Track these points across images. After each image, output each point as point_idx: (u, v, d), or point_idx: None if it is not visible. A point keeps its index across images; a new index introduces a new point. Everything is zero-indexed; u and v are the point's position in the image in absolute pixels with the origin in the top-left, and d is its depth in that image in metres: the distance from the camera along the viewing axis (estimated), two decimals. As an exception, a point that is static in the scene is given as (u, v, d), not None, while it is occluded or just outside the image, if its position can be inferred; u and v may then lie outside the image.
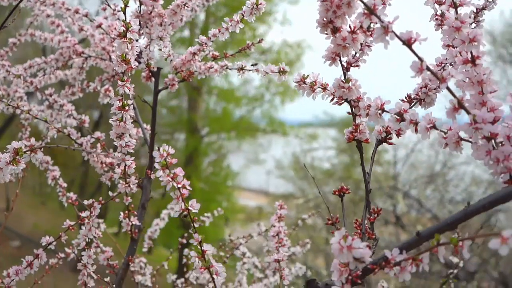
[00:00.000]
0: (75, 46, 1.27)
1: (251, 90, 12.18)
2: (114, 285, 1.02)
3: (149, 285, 1.37)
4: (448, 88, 0.57)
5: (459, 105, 0.57)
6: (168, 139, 12.16)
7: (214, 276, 0.71)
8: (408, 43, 0.56)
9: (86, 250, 1.00)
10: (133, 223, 1.05)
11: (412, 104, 0.76)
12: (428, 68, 0.56)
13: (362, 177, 0.71)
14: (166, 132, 12.15)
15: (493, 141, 0.59)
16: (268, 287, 1.41)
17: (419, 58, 0.56)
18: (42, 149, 0.72)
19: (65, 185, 1.17)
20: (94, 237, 1.05)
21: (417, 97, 0.76)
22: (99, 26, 1.03)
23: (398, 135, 0.75)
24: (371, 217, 0.68)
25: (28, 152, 0.70)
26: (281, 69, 0.92)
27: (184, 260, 1.52)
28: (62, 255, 1.19)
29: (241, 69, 1.02)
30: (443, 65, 0.77)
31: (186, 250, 1.15)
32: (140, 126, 1.18)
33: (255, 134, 12.03)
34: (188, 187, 0.69)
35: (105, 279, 1.03)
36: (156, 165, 0.67)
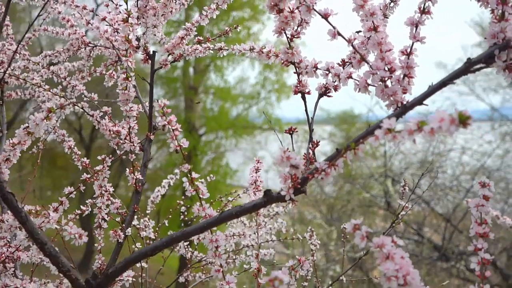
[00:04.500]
0: (83, 37, 1.52)
1: (247, 88, 12.43)
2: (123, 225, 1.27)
3: (152, 237, 1.62)
4: (353, 46, 0.82)
5: (362, 59, 0.81)
6: (167, 139, 12.36)
7: (201, 196, 0.96)
8: (325, 16, 0.81)
9: (100, 197, 1.24)
10: (137, 177, 1.29)
11: (346, 66, 1.01)
12: (339, 33, 0.80)
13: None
14: (164, 132, 12.35)
15: (389, 83, 0.84)
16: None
17: (333, 27, 0.81)
18: (70, 106, 0.97)
19: (79, 152, 1.41)
20: (105, 191, 1.29)
21: (349, 60, 1.01)
22: (104, 19, 1.28)
23: (335, 89, 1.00)
24: (313, 147, 0.93)
25: (59, 110, 0.94)
26: (251, 47, 1.17)
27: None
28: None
29: (220, 49, 1.28)
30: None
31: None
32: (141, 101, 1.43)
33: (252, 131, 12.27)
34: (180, 129, 0.94)
35: (116, 220, 1.27)
36: (156, 113, 0.92)
